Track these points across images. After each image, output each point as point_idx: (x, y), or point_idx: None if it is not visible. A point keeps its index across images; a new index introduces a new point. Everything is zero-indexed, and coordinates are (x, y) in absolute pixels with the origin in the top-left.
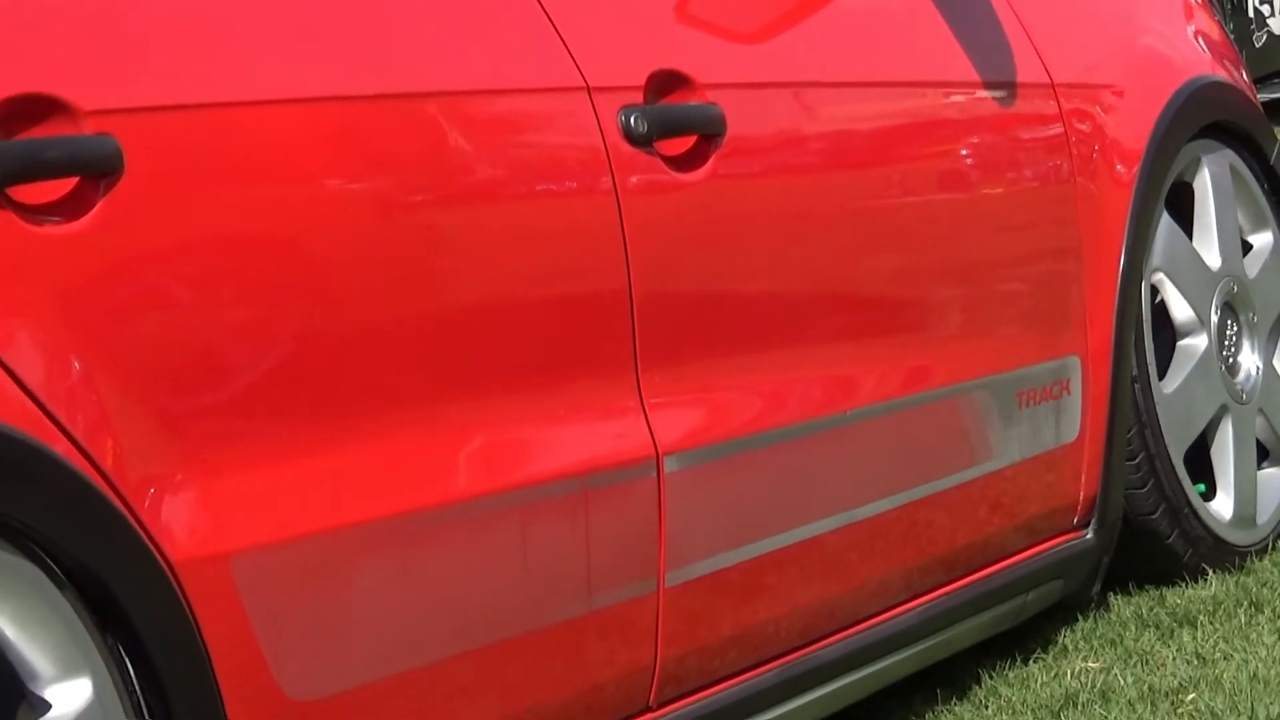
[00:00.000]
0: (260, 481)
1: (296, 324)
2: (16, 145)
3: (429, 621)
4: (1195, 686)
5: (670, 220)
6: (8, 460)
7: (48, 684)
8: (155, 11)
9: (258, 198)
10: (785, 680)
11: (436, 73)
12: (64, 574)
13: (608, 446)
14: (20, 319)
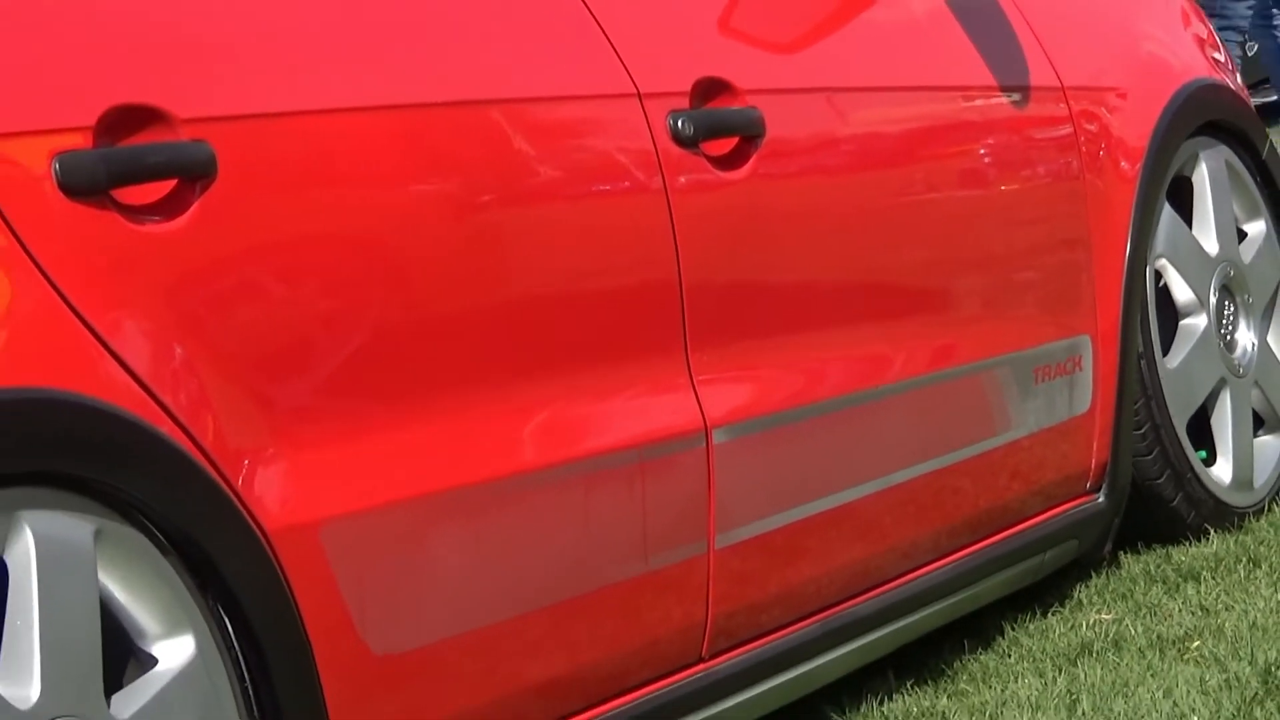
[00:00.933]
0: (345, 455)
1: (376, 312)
2: (120, 151)
3: (500, 582)
4: (1200, 635)
5: (715, 215)
6: (117, 439)
7: (154, 641)
8: (244, 27)
9: (339, 197)
10: (825, 633)
11: (500, 81)
12: (168, 541)
13: (661, 421)
14: (126, 310)
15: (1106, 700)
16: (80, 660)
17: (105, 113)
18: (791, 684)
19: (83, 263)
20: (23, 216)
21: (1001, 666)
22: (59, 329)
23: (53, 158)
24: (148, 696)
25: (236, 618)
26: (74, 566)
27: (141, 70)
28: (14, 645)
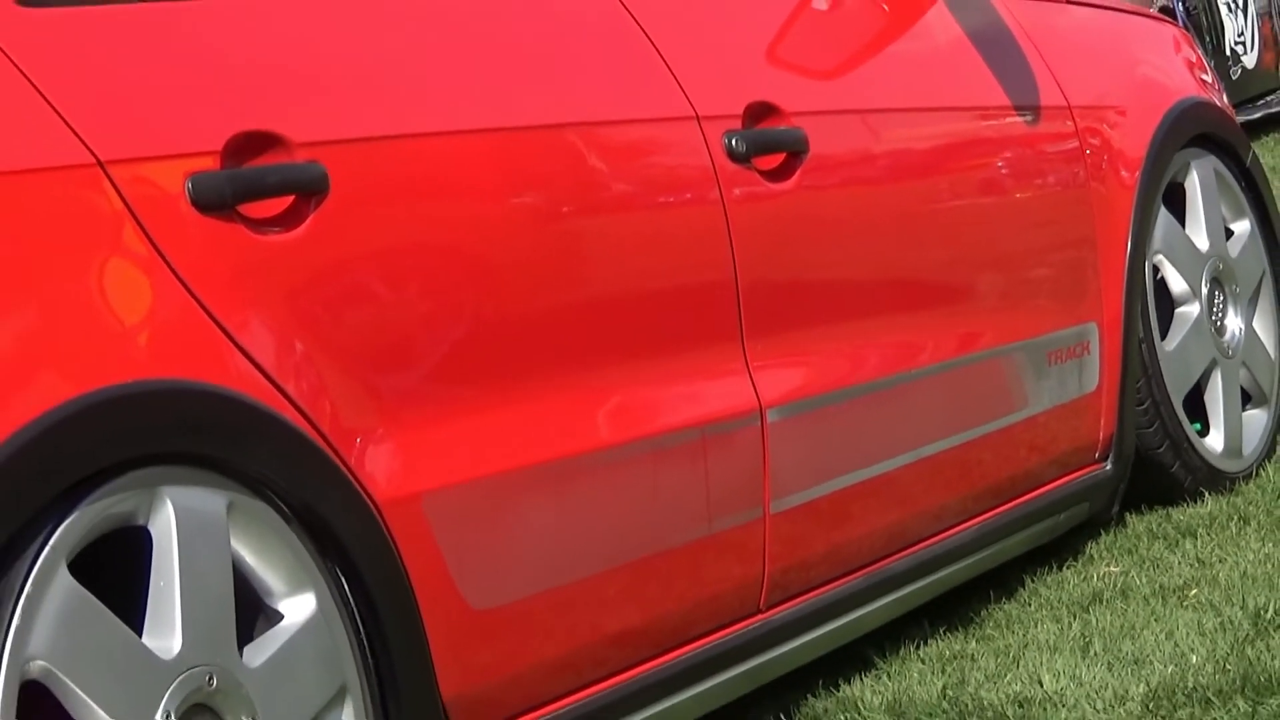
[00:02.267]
0: (444, 435)
1: (470, 310)
2: (245, 171)
3: (581, 545)
4: (1197, 584)
5: (766, 222)
6: (245, 423)
7: (280, 599)
8: (352, 60)
9: (437, 210)
10: (868, 586)
11: (577, 106)
12: (291, 512)
13: (721, 403)
14: (251, 310)
15: (1115, 642)
16: (216, 617)
17: (231, 138)
18: (838, 631)
19: (213, 269)
20: (161, 229)
21: (1023, 614)
22: (193, 327)
23: (186, 178)
24: (275, 647)
25: (352, 578)
26: (209, 535)
27: (262, 100)
28: (158, 605)
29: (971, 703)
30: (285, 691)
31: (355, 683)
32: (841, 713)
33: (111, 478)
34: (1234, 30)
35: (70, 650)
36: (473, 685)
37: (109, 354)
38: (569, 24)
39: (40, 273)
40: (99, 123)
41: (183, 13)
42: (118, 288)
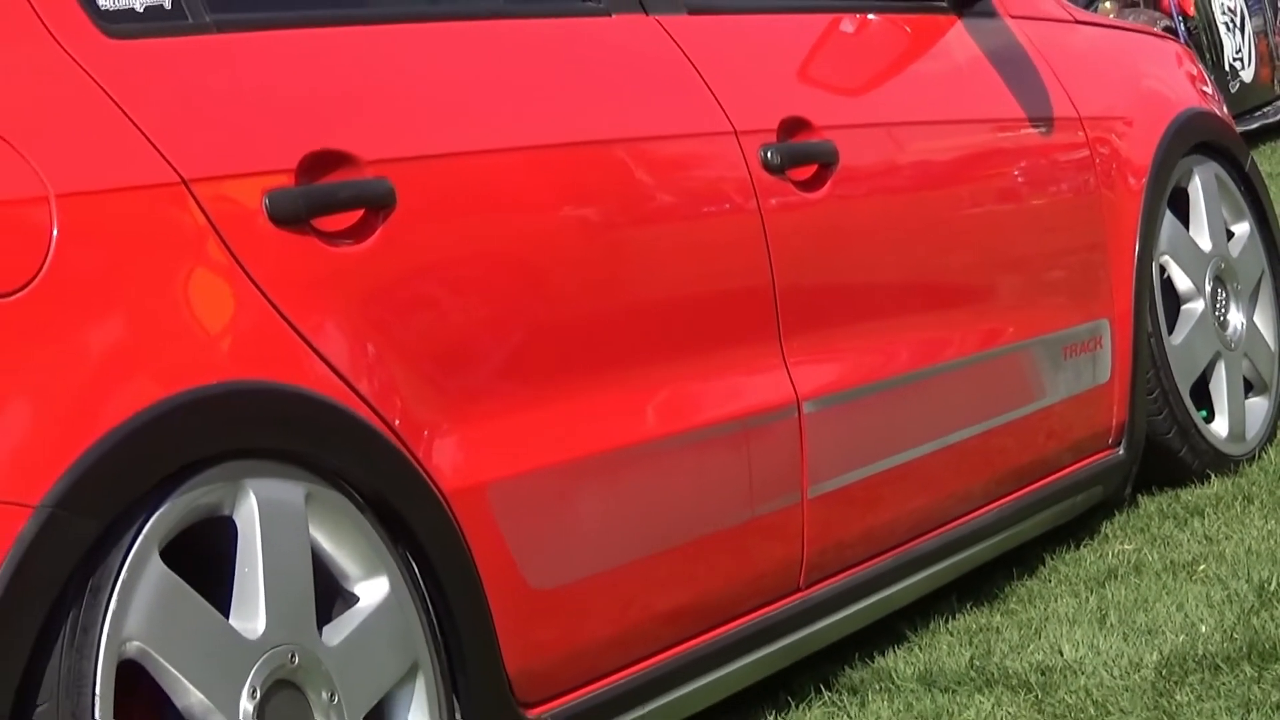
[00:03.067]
0: (506, 429)
1: (528, 313)
2: (318, 188)
3: (633, 529)
4: (1205, 559)
5: (800, 229)
6: (321, 420)
7: (356, 582)
8: (415, 84)
9: (496, 221)
10: (899, 565)
11: (622, 123)
12: (364, 501)
13: (760, 396)
14: (326, 316)
15: (1130, 614)
16: (296, 599)
17: (304, 157)
18: (873, 607)
19: (289, 278)
20: (240, 242)
21: (1043, 589)
22: (272, 332)
23: (263, 194)
24: (351, 627)
25: (422, 562)
26: (289, 524)
27: (333, 121)
28: (243, 588)
29: (997, 671)
30: (362, 668)
31: (426, 659)
32: (876, 682)
33: (199, 471)
34: (1232, 47)
35: (163, 631)
36: (535, 661)
37: (196, 357)
38: (616, 48)
39: (131, 283)
40: (182, 144)
41: (258, 42)
42: (202, 296)
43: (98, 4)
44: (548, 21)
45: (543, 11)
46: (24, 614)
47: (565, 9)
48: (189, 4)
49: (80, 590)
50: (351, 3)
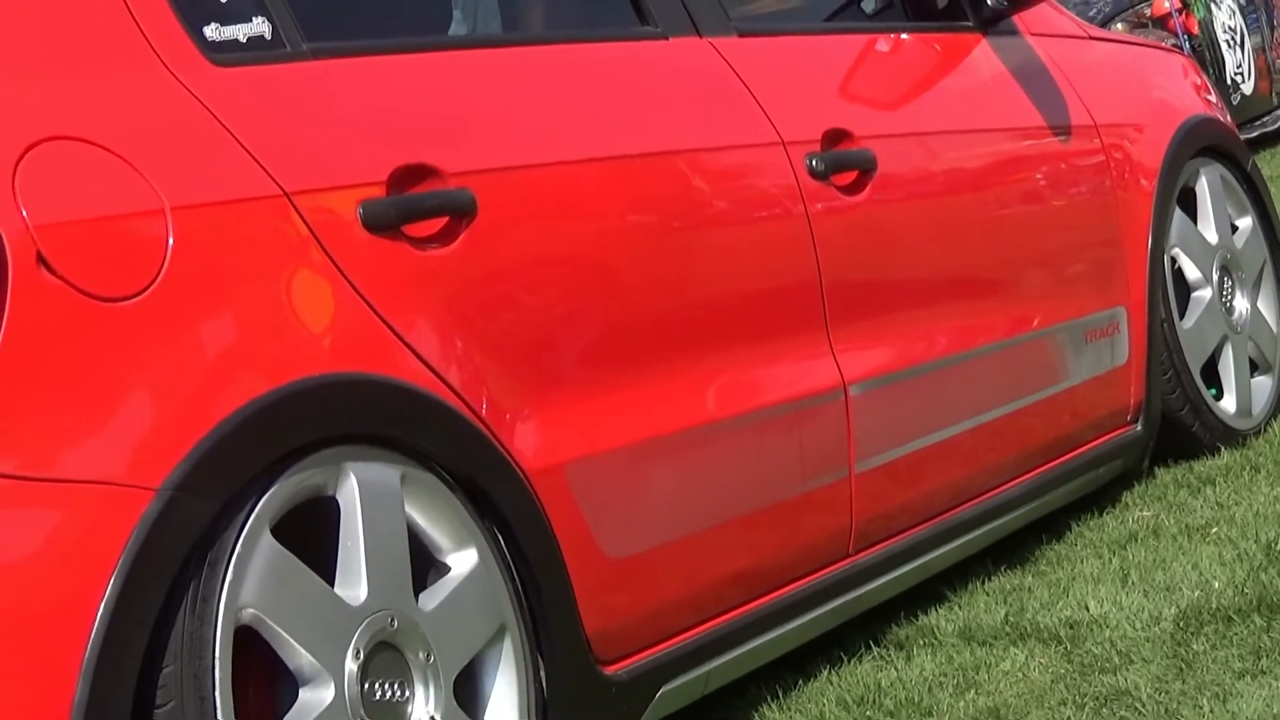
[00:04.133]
0: (582, 413)
1: (600, 308)
2: (408, 198)
3: (697, 502)
4: (1217, 523)
5: (843, 229)
6: (414, 408)
7: (448, 554)
8: (493, 102)
9: (568, 225)
10: (939, 533)
11: (681, 136)
12: (454, 481)
13: (811, 381)
14: (417, 313)
15: (1149, 573)
16: (395, 569)
17: (394, 170)
18: (915, 571)
19: (382, 280)
20: (338, 248)
21: (1071, 552)
22: (368, 329)
23: (358, 204)
24: (445, 594)
25: (507, 535)
26: (387, 502)
27: (419, 137)
28: (347, 561)
29: (1030, 626)
30: (455, 630)
31: (512, 622)
32: (920, 638)
33: (305, 456)
34: (1233, 63)
35: (275, 600)
36: (610, 622)
37: (299, 353)
38: (674, 68)
39: (239, 286)
40: (283, 160)
41: (349, 67)
42: (304, 297)
43: (205, 35)
44: (612, 45)
45: (607, 36)
46: (149, 585)
47: (628, 34)
48: (287, 34)
49: (200, 564)
50: (434, 30)
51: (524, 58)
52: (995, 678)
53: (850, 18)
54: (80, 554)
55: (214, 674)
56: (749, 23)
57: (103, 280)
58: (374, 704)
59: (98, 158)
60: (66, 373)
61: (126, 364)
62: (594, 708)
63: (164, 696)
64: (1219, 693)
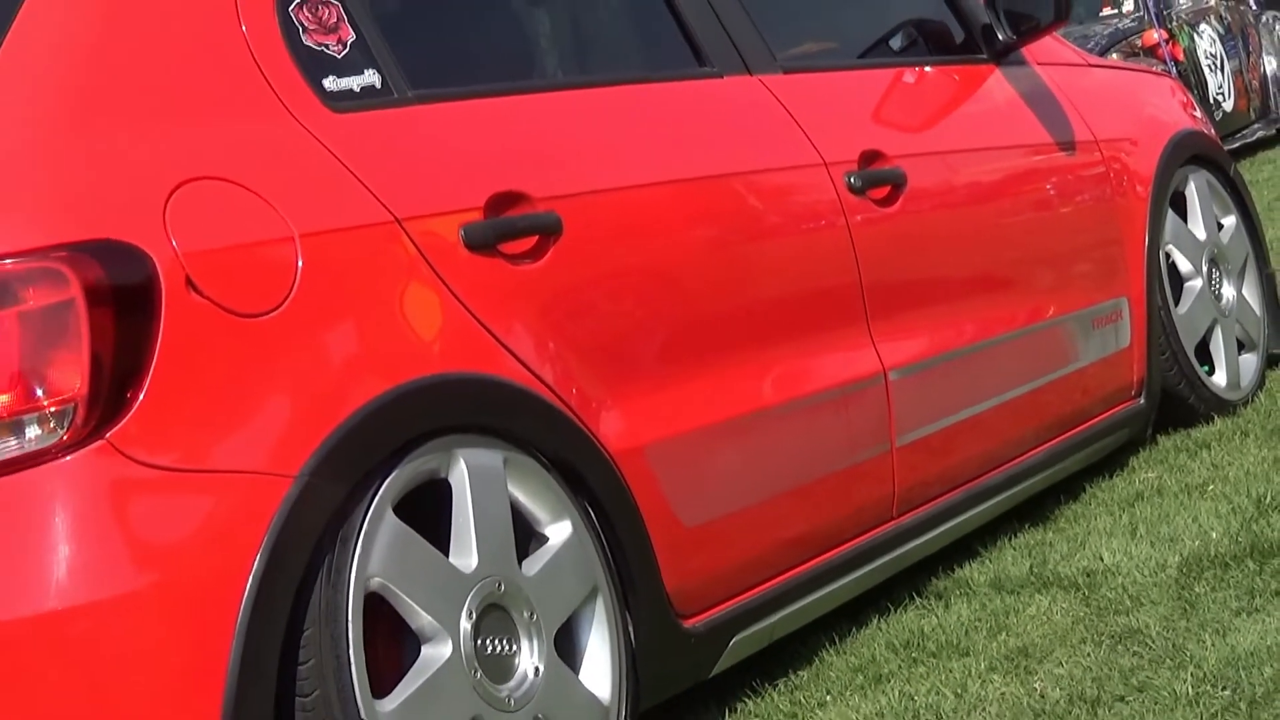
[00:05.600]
0: (658, 402)
1: (670, 311)
2: (503, 220)
3: (759, 476)
4: (1213, 482)
5: (880, 237)
6: (515, 401)
7: (546, 526)
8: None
9: (642, 240)
10: (969, 496)
11: (737, 160)
12: (550, 463)
13: (855, 368)
14: (514, 320)
15: (1155, 527)
16: (500, 541)
17: (490, 197)
18: (950, 530)
19: (483, 293)
20: (445, 266)
21: (1085, 511)
22: (472, 335)
23: (460, 227)
24: (544, 561)
25: (597, 508)
26: (492, 482)
27: (511, 168)
28: (459, 534)
29: (1052, 575)
30: (554, 592)
31: (603, 584)
32: (956, 589)
33: (420, 444)
34: (1215, 85)
35: (398, 569)
36: (687, 581)
37: (414, 356)
38: (728, 101)
39: (360, 300)
40: (394, 192)
41: (449, 110)
42: (416, 308)
43: (324, 86)
44: (675, 83)
45: (671, 76)
46: (290, 560)
47: (689, 74)
48: (394, 84)
49: (333, 540)
50: (521, 75)
51: (599, 97)
52: (1023, 621)
53: (880, 54)
54: (231, 534)
55: (348, 635)
56: (792, 61)
57: (242, 299)
58: (486, 658)
59: (235, 194)
60: (213, 379)
61: (265, 370)
62: (675, 656)
63: (305, 655)
64: (1219, 629)
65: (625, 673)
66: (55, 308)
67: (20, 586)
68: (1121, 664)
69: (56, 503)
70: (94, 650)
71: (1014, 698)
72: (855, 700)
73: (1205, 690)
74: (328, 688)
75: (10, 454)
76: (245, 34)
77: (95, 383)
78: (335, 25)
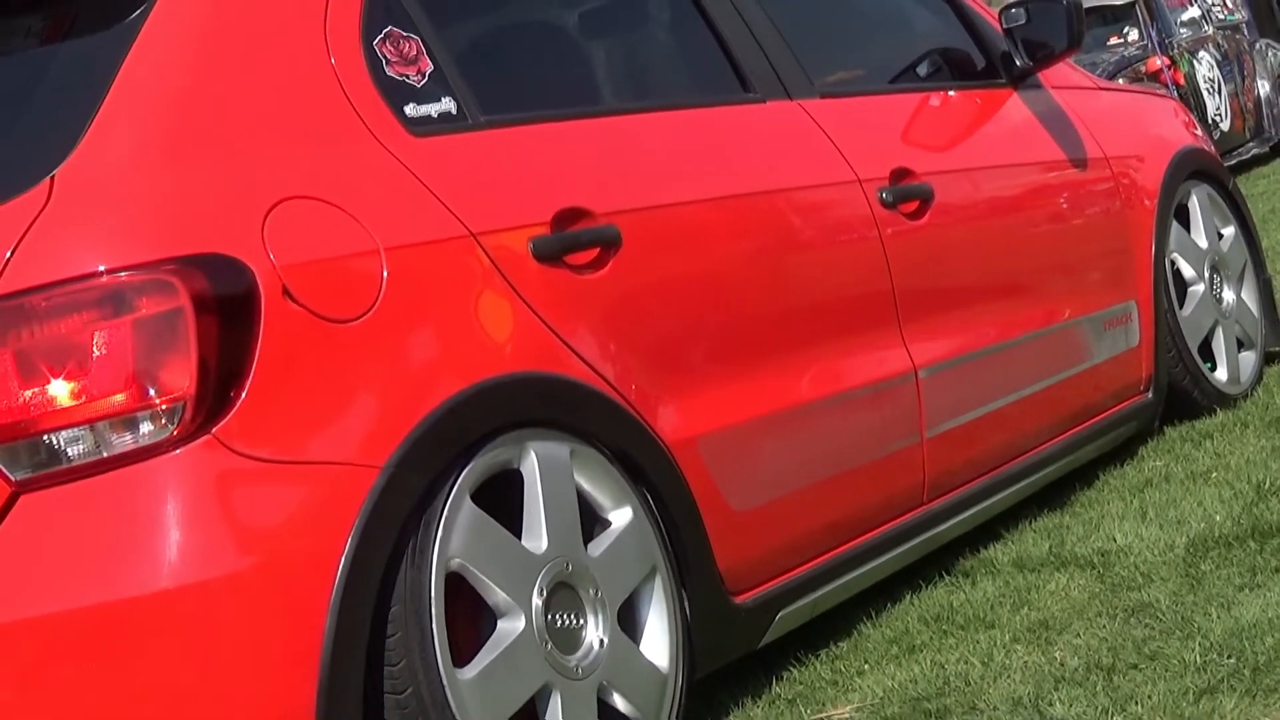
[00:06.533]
0: (709, 398)
1: (720, 315)
2: (568, 234)
3: (801, 465)
4: (1216, 469)
5: (910, 247)
6: (580, 398)
7: (609, 511)
8: (631, 156)
9: (693, 251)
10: (993, 483)
11: (779, 178)
12: (611, 454)
13: (888, 367)
14: (578, 324)
15: (1163, 510)
16: (567, 524)
17: (556, 213)
18: (976, 514)
19: (550, 300)
20: (515, 275)
21: (1099, 496)
22: (540, 338)
23: (529, 240)
24: (608, 543)
25: (654, 495)
26: (560, 472)
27: (574, 187)
28: (531, 519)
29: (1069, 555)
30: (616, 571)
31: (661, 564)
32: (982, 568)
33: (494, 438)
34: (1213, 106)
35: (476, 551)
36: (738, 561)
37: (488, 357)
38: (771, 124)
39: (439, 306)
40: (470, 208)
41: (518, 134)
42: (490, 314)
43: (405, 113)
44: (722, 109)
45: (719, 101)
46: (378, 543)
47: (734, 99)
48: (469, 110)
49: (416, 524)
50: (583, 102)
51: (654, 121)
52: (1043, 597)
53: (908, 79)
54: (325, 519)
55: (431, 611)
56: (828, 87)
57: (333, 306)
58: (556, 630)
59: (326, 211)
60: (307, 379)
61: (353, 371)
62: (727, 629)
63: (393, 629)
64: (1224, 603)
65: (681, 644)
66: (166, 315)
67: (137, 568)
68: (1134, 635)
69: (168, 492)
70: (203, 624)
71: (1036, 666)
72: (891, 669)
73: (1212, 659)
74: (413, 658)
75: (126, 448)
76: (334, 66)
77: (202, 383)
78: (415, 57)
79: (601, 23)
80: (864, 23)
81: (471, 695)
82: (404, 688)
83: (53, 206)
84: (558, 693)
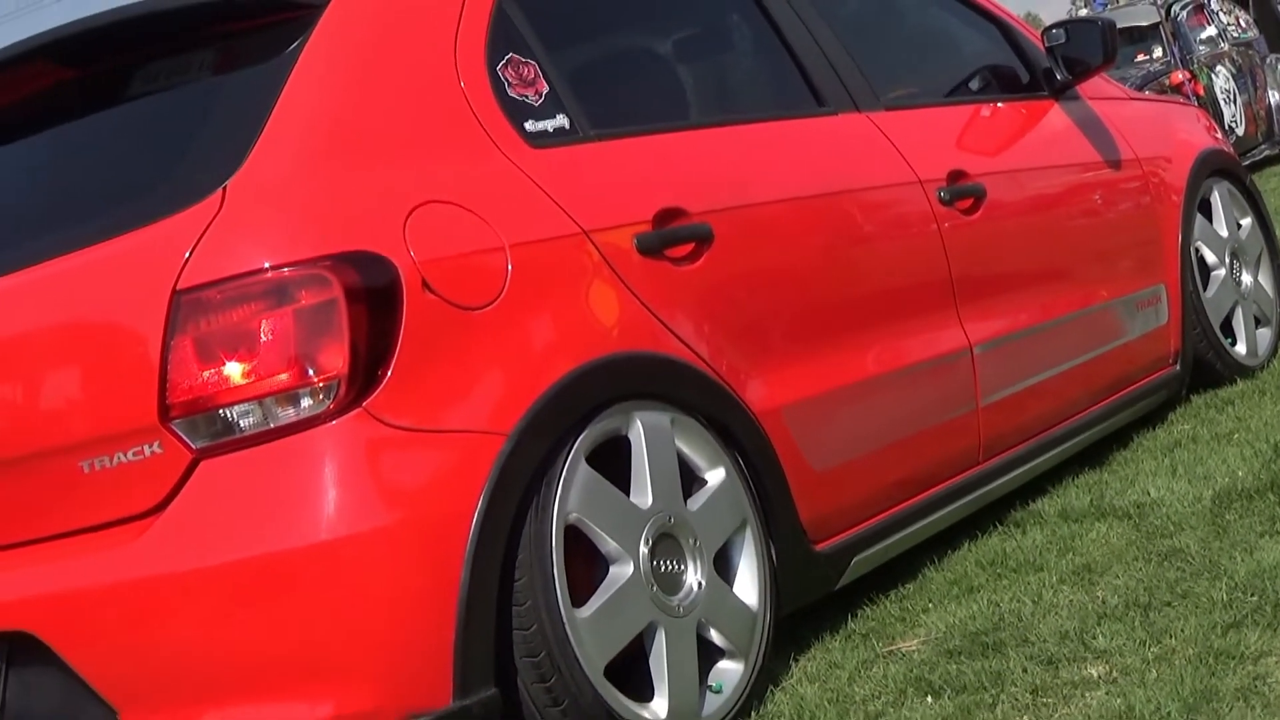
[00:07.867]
0: (792, 372)
1: (800, 300)
2: (667, 231)
3: (873, 431)
4: (1238, 431)
5: (966, 239)
6: (680, 374)
7: (705, 471)
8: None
9: (777, 244)
10: (1039, 445)
11: (850, 180)
12: (707, 422)
13: (946, 344)
14: (676, 310)
15: (1191, 468)
16: (669, 483)
17: (656, 212)
18: (1025, 472)
19: (652, 288)
20: (622, 267)
21: (1133, 457)
22: (644, 322)
23: (633, 237)
24: (705, 499)
25: (745, 457)
26: (662, 438)
27: (673, 189)
28: (637, 479)
29: (1108, 507)
30: (712, 523)
31: (751, 517)
32: (1030, 519)
33: (605, 408)
34: (1229, 114)
35: (591, 507)
36: (817, 514)
37: (601, 338)
38: (843, 133)
39: (556, 296)
40: (582, 209)
41: (623, 145)
42: (600, 301)
43: (525, 128)
44: (800, 120)
45: (797, 114)
46: (506, 500)
47: (810, 112)
48: (580, 125)
49: (538, 484)
50: (678, 116)
51: (740, 132)
52: (1086, 544)
53: (961, 93)
54: (460, 480)
55: (552, 558)
56: (892, 100)
57: (465, 296)
58: (660, 575)
59: (459, 214)
60: (443, 359)
61: (483, 352)
62: (808, 573)
63: (519, 575)
64: (1247, 548)
65: (769, 586)
66: (322, 305)
67: (299, 523)
68: (1168, 576)
69: (326, 457)
70: (357, 571)
71: (1080, 604)
72: (952, 607)
73: (1237, 596)
74: (537, 599)
75: (290, 420)
76: (464, 89)
77: (354, 363)
78: (533, 80)
79: (693, 48)
80: (922, 44)
81: (588, 631)
82: (529, 624)
83: (225, 212)
84: (662, 629)
